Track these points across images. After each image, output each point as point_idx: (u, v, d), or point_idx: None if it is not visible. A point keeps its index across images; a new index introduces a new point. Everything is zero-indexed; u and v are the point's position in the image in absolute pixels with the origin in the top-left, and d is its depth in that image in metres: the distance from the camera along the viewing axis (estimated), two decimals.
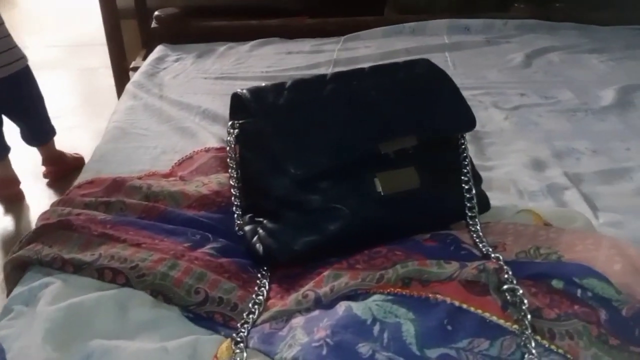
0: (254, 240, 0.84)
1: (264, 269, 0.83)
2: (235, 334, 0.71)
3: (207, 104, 1.46)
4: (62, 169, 2.27)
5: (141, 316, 0.76)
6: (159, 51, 1.88)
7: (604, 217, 1.00)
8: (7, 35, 1.95)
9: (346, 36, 1.96)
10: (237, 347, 0.69)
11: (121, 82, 2.25)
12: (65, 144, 2.44)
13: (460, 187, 0.87)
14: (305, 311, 0.72)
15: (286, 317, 0.72)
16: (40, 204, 2.18)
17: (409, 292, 0.71)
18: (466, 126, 0.90)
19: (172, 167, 1.15)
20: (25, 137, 2.18)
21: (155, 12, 1.98)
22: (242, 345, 0.69)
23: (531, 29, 1.98)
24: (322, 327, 0.67)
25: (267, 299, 0.78)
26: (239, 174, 0.91)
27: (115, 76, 2.41)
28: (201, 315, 0.76)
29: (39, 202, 2.20)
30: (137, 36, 2.51)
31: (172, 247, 0.83)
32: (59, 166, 2.27)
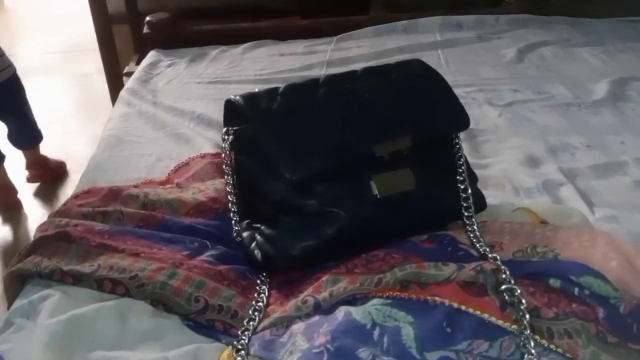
0: (252, 246, 0.84)
1: (262, 275, 0.83)
2: (236, 342, 0.71)
3: (202, 109, 1.46)
4: (46, 173, 2.33)
5: (142, 326, 0.76)
6: (151, 57, 1.87)
7: (599, 212, 1.01)
8: None
9: (338, 36, 1.95)
10: (238, 354, 0.69)
11: (115, 88, 2.25)
12: (60, 150, 2.45)
13: (456, 187, 0.87)
14: (305, 317, 0.72)
15: (286, 323, 0.73)
16: (37, 213, 2.19)
17: (407, 295, 0.71)
18: (460, 125, 0.90)
19: (168, 174, 1.15)
20: (13, 140, 2.22)
21: (147, 18, 1.97)
22: (243, 352, 0.69)
23: (523, 23, 1.97)
24: (322, 332, 0.67)
25: (266, 305, 0.78)
26: (235, 180, 0.91)
27: (108, 81, 2.41)
28: (202, 323, 0.76)
29: (36, 211, 2.20)
30: (130, 41, 2.51)
31: (171, 256, 0.83)
32: (43, 170, 2.33)
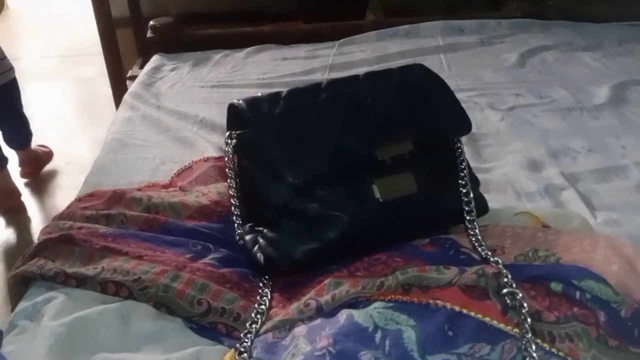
0: (254, 249, 0.84)
1: (265, 278, 0.83)
2: (238, 344, 0.71)
3: (205, 113, 1.47)
4: (38, 167, 2.42)
5: (145, 328, 0.77)
6: (155, 61, 1.88)
7: (601, 216, 1.01)
8: None
9: (341, 41, 1.96)
10: (240, 357, 0.69)
11: (118, 91, 2.27)
12: (63, 154, 2.47)
13: (457, 190, 0.87)
14: (307, 320, 0.73)
15: (289, 326, 0.73)
16: (39, 216, 2.19)
17: (409, 299, 0.71)
18: (462, 129, 0.91)
19: (172, 177, 1.15)
20: (8, 141, 2.27)
21: (150, 22, 1.98)
22: (245, 355, 0.69)
23: (524, 28, 1.98)
24: (324, 335, 0.67)
25: (269, 308, 0.78)
26: (237, 184, 0.92)
27: (112, 85, 2.43)
28: (204, 326, 0.76)
29: (39, 213, 2.21)
30: (133, 44, 2.52)
31: (174, 259, 0.83)
32: (35, 165, 2.41)
